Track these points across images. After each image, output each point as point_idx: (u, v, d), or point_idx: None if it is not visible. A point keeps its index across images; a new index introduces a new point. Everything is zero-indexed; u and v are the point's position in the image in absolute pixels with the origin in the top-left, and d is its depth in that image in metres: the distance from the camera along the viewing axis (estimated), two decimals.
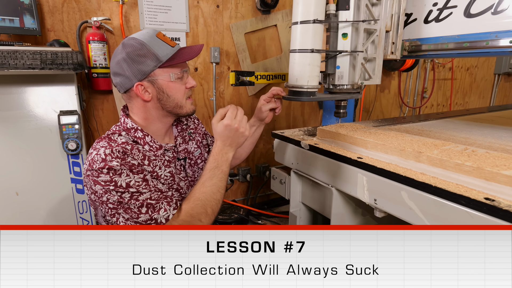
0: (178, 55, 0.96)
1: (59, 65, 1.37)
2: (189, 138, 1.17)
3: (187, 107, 1.02)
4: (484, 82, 4.26)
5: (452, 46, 1.09)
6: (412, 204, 0.88)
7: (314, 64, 1.07)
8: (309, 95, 1.10)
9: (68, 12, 1.82)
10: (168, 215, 0.88)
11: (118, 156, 0.87)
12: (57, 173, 1.54)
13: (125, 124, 0.98)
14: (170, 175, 1.02)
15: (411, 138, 1.07)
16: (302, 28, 1.05)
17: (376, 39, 1.12)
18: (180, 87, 0.99)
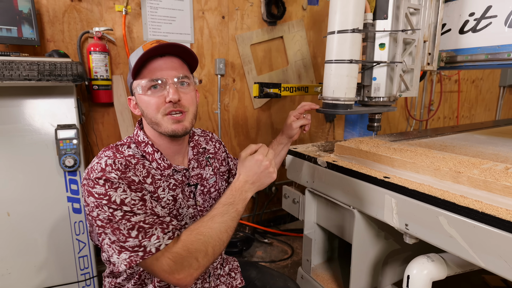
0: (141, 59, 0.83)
1: (57, 77, 1.29)
2: (206, 163, 1.05)
3: (164, 126, 0.86)
4: (489, 95, 4.21)
5: (492, 57, 1.04)
6: (453, 232, 0.77)
7: (352, 75, 1.02)
8: (346, 108, 1.05)
9: (69, 22, 1.75)
10: (160, 244, 0.75)
11: (119, 168, 0.79)
12: (53, 191, 1.43)
13: (137, 137, 0.91)
14: (172, 199, 0.91)
15: (443, 156, 0.97)
16: (339, 38, 1.01)
17: (414, 50, 1.07)
18: (150, 100, 0.84)
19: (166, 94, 0.84)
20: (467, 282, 1.53)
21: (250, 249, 2.28)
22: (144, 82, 0.84)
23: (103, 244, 0.79)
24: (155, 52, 0.83)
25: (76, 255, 1.50)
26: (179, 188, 0.93)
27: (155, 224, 0.77)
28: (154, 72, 0.84)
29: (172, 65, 0.86)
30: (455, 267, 0.91)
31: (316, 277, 1.35)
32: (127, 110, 1.94)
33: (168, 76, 0.84)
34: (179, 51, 0.86)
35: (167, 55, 0.86)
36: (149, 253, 0.74)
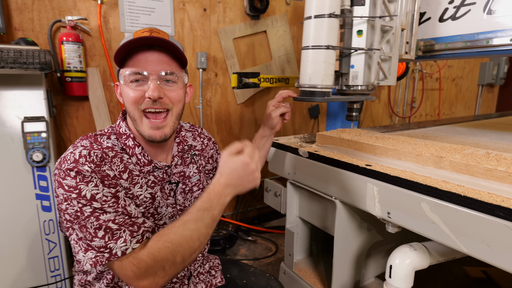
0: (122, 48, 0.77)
1: (22, 64, 1.20)
2: (190, 160, 0.99)
3: (142, 128, 0.80)
4: (469, 93, 4.30)
5: (471, 45, 1.03)
6: (435, 218, 0.75)
7: (329, 62, 1.00)
8: (323, 96, 1.02)
9: (40, 10, 1.66)
10: (126, 248, 0.70)
11: (93, 160, 0.73)
12: (20, 188, 1.34)
13: (119, 128, 0.85)
14: (150, 197, 0.85)
15: (425, 143, 0.95)
16: (316, 23, 0.98)
17: (392, 38, 1.05)
18: (128, 93, 0.78)
19: (146, 88, 0.78)
20: (448, 274, 1.53)
21: (233, 247, 2.23)
22: (128, 73, 0.78)
23: (71, 239, 0.74)
24: (141, 43, 0.77)
25: (46, 256, 1.41)
26: (158, 185, 0.87)
27: (124, 225, 0.72)
28: (138, 64, 0.78)
29: (159, 59, 0.79)
30: (438, 255, 0.89)
31: (298, 272, 1.32)
32: (103, 104, 1.86)
33: (152, 71, 0.78)
34: (167, 45, 0.79)
35: (156, 48, 0.79)
36: (115, 256, 0.69)
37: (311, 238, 1.42)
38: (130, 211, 0.74)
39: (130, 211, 0.74)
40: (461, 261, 1.65)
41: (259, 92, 2.47)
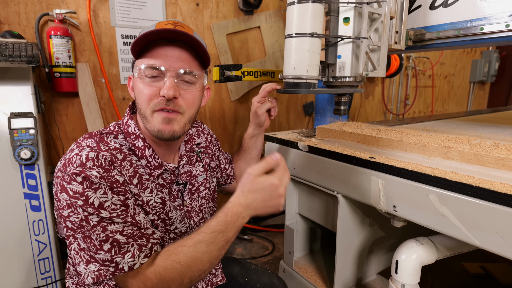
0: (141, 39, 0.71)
1: (8, 57, 1.14)
2: (196, 159, 0.94)
3: (152, 123, 0.73)
4: (461, 90, 4.34)
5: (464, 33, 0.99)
6: (444, 210, 0.72)
7: (314, 50, 0.93)
8: (308, 87, 0.95)
9: (26, 3, 1.59)
10: (134, 263, 0.65)
11: (101, 165, 0.67)
12: (7, 188, 1.27)
13: (127, 127, 0.78)
14: (161, 202, 0.79)
15: (430, 134, 0.93)
16: (299, 9, 0.91)
17: (380, 26, 0.99)
18: (142, 88, 0.73)
19: (162, 86, 0.71)
20: (447, 270, 1.52)
21: (229, 246, 2.19)
22: (144, 67, 0.72)
23: (70, 248, 0.68)
24: (163, 36, 0.71)
25: (35, 257, 1.34)
26: (166, 188, 0.82)
27: (133, 238, 0.67)
28: (157, 57, 0.72)
29: (180, 55, 0.73)
30: (445, 250, 0.87)
31: (299, 270, 1.28)
32: (94, 101, 1.80)
33: (170, 67, 0.72)
34: (190, 41, 0.72)
35: (178, 43, 0.73)
36: (121, 271, 0.65)
37: (311, 235, 1.38)
38: (139, 220, 0.69)
39: (139, 221, 0.69)
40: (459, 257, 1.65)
41: (254, 89, 2.43)
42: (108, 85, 1.86)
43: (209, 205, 1.00)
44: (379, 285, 1.19)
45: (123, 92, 1.93)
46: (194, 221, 0.90)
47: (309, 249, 1.40)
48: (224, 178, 1.13)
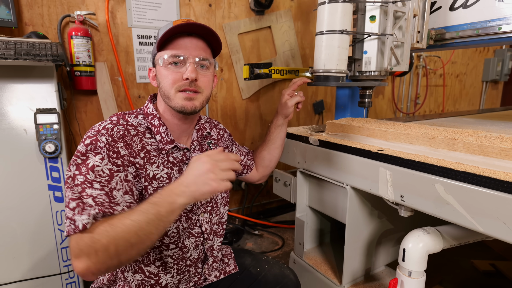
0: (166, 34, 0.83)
1: (35, 56, 1.22)
2: (207, 147, 1.03)
3: (175, 101, 0.85)
4: (473, 89, 4.30)
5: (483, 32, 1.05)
6: (450, 198, 0.76)
7: (343, 46, 1.01)
8: (337, 80, 1.03)
9: (49, 5, 1.67)
10: (88, 223, 0.68)
11: (112, 135, 0.78)
12: (33, 179, 1.36)
13: (146, 108, 0.92)
14: (166, 177, 0.87)
15: (437, 128, 0.96)
16: (330, 8, 1.00)
17: (404, 24, 1.06)
18: (169, 74, 0.85)
19: (184, 71, 0.84)
20: (456, 267, 1.54)
21: (240, 241, 2.24)
22: (167, 56, 0.84)
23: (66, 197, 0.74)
24: (183, 29, 0.84)
25: (58, 246, 1.42)
26: (176, 166, 0.91)
27: (99, 206, 0.71)
28: (178, 48, 0.85)
29: (197, 45, 0.86)
30: (451, 239, 0.90)
31: (309, 260, 1.32)
32: (111, 99, 1.87)
33: (190, 55, 0.85)
34: (205, 33, 0.86)
35: (194, 35, 0.86)
36: (75, 228, 0.68)
37: (321, 228, 1.42)
38: (115, 195, 0.74)
39: (115, 196, 0.74)
40: (469, 255, 1.66)
41: (264, 87, 2.48)
42: (125, 83, 1.93)
43: (221, 195, 1.05)
44: (387, 276, 1.23)
45: (138, 90, 2.00)
46: (201, 202, 0.97)
47: (319, 242, 1.44)
48: (240, 168, 1.18)
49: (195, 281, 0.99)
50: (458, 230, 0.89)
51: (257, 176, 1.21)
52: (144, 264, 0.89)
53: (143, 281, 0.89)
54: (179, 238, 0.90)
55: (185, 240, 0.92)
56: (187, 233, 0.93)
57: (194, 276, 0.98)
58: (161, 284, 0.91)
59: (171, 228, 0.88)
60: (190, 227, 0.94)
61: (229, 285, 1.04)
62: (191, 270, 0.96)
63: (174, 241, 0.89)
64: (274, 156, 1.18)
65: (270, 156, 1.18)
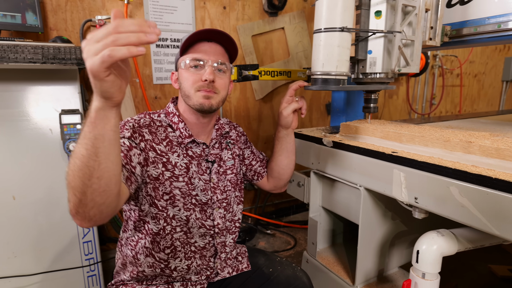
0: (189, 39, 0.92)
1: (61, 60, 1.28)
2: (225, 146, 1.09)
3: (194, 99, 0.93)
4: (492, 89, 4.20)
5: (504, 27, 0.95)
6: (464, 201, 0.76)
7: (343, 45, 0.91)
8: (337, 84, 0.94)
9: (72, 11, 1.75)
10: None
11: (139, 122, 0.90)
12: (57, 176, 1.42)
13: (167, 108, 1.01)
14: (185, 166, 0.95)
15: (452, 130, 0.96)
16: (329, 3, 0.89)
17: (414, 20, 0.96)
18: (189, 76, 0.93)
19: (203, 73, 0.91)
20: (473, 272, 1.52)
21: (252, 240, 2.27)
22: (188, 60, 0.92)
23: None
24: (203, 36, 0.92)
25: (80, 240, 1.48)
26: (195, 160, 0.98)
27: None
28: (198, 52, 0.92)
29: (216, 50, 0.94)
30: (466, 242, 0.90)
31: (321, 260, 1.34)
32: (129, 100, 1.93)
33: (209, 59, 0.92)
34: (224, 39, 0.94)
35: (214, 41, 0.94)
36: None
37: (333, 228, 1.44)
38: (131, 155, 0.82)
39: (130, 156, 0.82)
40: (486, 259, 1.64)
41: (277, 88, 2.50)
42: (142, 85, 1.99)
43: (235, 194, 1.09)
44: (400, 277, 1.23)
45: (155, 91, 2.06)
46: (217, 198, 1.02)
47: (332, 242, 1.45)
48: (251, 173, 1.17)
49: (207, 275, 1.03)
50: (473, 233, 0.89)
51: (268, 186, 1.20)
52: (154, 251, 0.94)
53: (154, 264, 0.95)
54: (186, 224, 0.96)
55: (193, 228, 0.97)
56: (199, 223, 0.98)
57: (206, 269, 1.02)
58: (171, 268, 0.97)
59: (179, 214, 0.94)
60: (203, 219, 0.99)
61: (242, 283, 1.07)
62: (196, 257, 1.00)
63: (180, 225, 0.95)
64: (282, 168, 1.13)
65: (278, 168, 1.13)
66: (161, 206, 0.91)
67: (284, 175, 1.15)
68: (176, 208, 0.93)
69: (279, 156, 1.12)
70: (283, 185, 1.20)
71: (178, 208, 0.93)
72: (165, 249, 0.95)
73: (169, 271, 0.97)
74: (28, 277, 1.42)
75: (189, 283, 1.00)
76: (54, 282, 1.47)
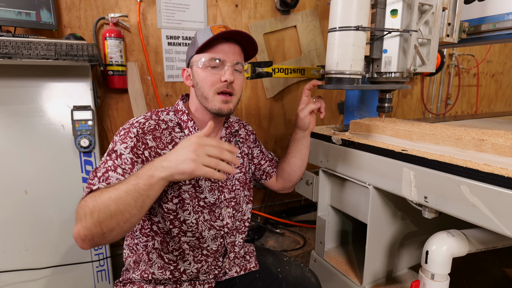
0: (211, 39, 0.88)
1: (73, 57, 1.30)
2: (234, 145, 1.07)
3: (213, 103, 0.91)
4: (510, 90, 4.07)
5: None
6: (476, 201, 0.74)
7: (358, 45, 0.90)
8: (352, 83, 0.92)
9: (86, 8, 1.78)
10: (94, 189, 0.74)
11: (143, 128, 0.86)
12: (68, 171, 1.45)
13: (177, 106, 0.99)
14: None
15: (465, 128, 0.94)
16: (344, 2, 0.89)
17: (431, 18, 0.95)
18: (208, 76, 0.90)
19: (222, 74, 0.89)
20: (487, 276, 1.48)
21: (261, 238, 2.26)
22: (205, 59, 0.89)
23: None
24: (224, 36, 0.89)
25: None
26: None
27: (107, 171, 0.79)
28: (217, 52, 0.89)
29: (234, 50, 0.92)
30: (477, 243, 0.87)
31: (329, 259, 1.32)
32: (141, 97, 1.96)
33: (228, 59, 0.90)
34: (242, 38, 0.91)
35: (232, 41, 0.91)
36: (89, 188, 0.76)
37: (342, 228, 1.42)
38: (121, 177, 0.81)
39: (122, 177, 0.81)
40: (500, 262, 1.59)
41: (288, 87, 2.49)
42: (154, 83, 2.01)
43: (244, 193, 1.08)
44: (410, 278, 1.21)
45: (166, 88, 2.08)
46: (224, 197, 1.00)
47: (340, 242, 1.44)
48: (260, 173, 1.17)
49: (215, 274, 1.02)
50: (485, 234, 0.86)
51: (277, 186, 1.19)
52: (163, 252, 0.94)
53: (164, 266, 0.95)
54: (197, 228, 0.95)
55: (204, 232, 0.96)
56: (208, 225, 0.97)
57: (215, 269, 1.02)
58: (180, 270, 0.96)
59: (190, 218, 0.93)
60: (212, 220, 0.98)
61: (249, 282, 1.06)
62: (209, 261, 0.99)
63: (191, 230, 0.94)
64: (293, 170, 1.12)
65: (289, 169, 1.13)
66: (167, 208, 0.91)
67: (294, 177, 1.15)
68: (186, 212, 0.92)
69: (292, 157, 1.11)
70: (291, 186, 1.19)
71: (188, 211, 0.92)
72: (173, 251, 0.94)
73: (178, 274, 0.96)
74: (39, 270, 1.46)
75: (197, 282, 0.99)
76: (64, 276, 1.51)
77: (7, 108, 1.35)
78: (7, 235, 1.40)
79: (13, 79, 1.36)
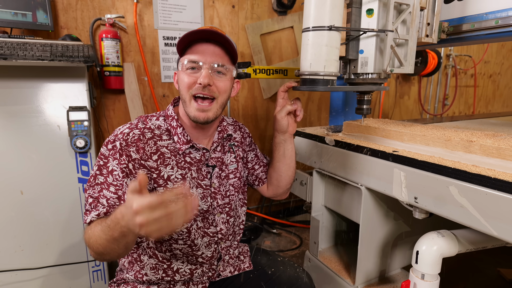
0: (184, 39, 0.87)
1: (69, 58, 1.31)
2: (229, 149, 1.04)
3: (189, 109, 0.88)
4: (507, 90, 4.08)
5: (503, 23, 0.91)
6: (464, 201, 0.75)
7: (332, 45, 0.87)
8: (326, 84, 0.89)
9: (82, 9, 1.79)
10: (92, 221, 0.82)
11: (127, 139, 0.85)
12: (64, 172, 1.46)
13: (167, 111, 0.96)
14: (180, 177, 0.90)
15: (455, 129, 0.94)
16: (317, 1, 0.86)
17: (408, 18, 0.93)
18: (184, 78, 0.87)
19: (199, 76, 0.86)
20: (482, 276, 1.48)
21: (258, 239, 2.27)
22: (185, 61, 0.87)
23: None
24: (198, 36, 0.86)
25: None
26: (194, 166, 0.93)
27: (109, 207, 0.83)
28: (195, 53, 0.87)
29: (214, 51, 0.88)
30: (467, 243, 0.88)
31: (323, 260, 1.33)
32: (138, 97, 1.97)
33: (205, 61, 0.86)
34: (221, 40, 0.88)
35: (212, 42, 0.88)
36: (85, 222, 0.82)
37: (336, 229, 1.43)
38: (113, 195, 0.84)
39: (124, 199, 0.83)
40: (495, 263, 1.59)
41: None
42: (150, 83, 2.02)
43: (238, 197, 1.07)
44: (402, 278, 1.21)
45: (163, 89, 2.08)
46: (217, 203, 0.98)
47: (334, 242, 1.44)
48: (252, 178, 1.14)
49: (208, 276, 1.02)
50: (475, 234, 0.87)
51: (268, 193, 1.16)
52: (157, 250, 0.94)
53: (157, 265, 0.95)
54: (189, 236, 0.93)
55: (197, 239, 0.94)
56: (202, 232, 0.96)
57: (208, 271, 1.02)
58: (173, 268, 0.96)
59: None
60: (206, 227, 0.97)
61: (243, 282, 1.06)
62: (204, 265, 1.00)
63: (182, 238, 0.92)
64: (279, 175, 1.08)
65: (276, 175, 1.09)
66: None
67: (282, 183, 1.10)
68: None
69: (277, 162, 1.07)
70: (282, 192, 1.15)
71: None
72: (166, 252, 0.95)
73: (171, 273, 0.96)
74: (34, 270, 1.47)
75: (190, 282, 1.00)
76: (60, 276, 1.51)
77: (3, 108, 1.36)
78: (3, 235, 1.40)
79: (9, 79, 1.36)
